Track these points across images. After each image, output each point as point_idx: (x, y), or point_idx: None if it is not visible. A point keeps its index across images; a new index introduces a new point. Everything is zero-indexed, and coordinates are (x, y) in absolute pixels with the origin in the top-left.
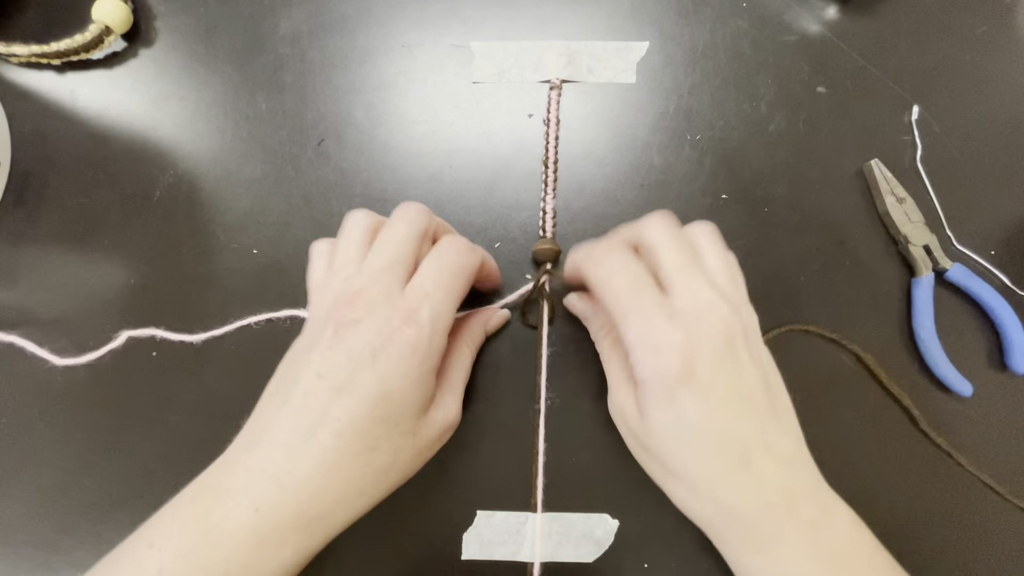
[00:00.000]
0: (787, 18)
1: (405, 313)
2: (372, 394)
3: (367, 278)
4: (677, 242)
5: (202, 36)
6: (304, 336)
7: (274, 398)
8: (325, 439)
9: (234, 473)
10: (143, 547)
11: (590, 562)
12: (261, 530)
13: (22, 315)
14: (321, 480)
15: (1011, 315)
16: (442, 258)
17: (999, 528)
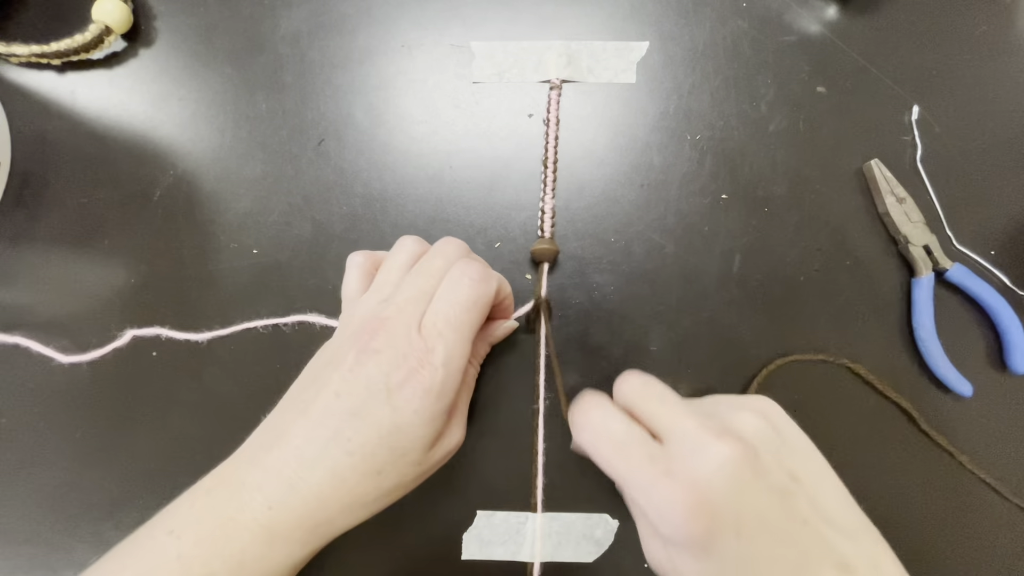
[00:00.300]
0: (787, 18)
1: (421, 353)
2: (385, 425)
3: (395, 308)
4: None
5: (202, 36)
6: (330, 348)
7: (295, 404)
8: (336, 456)
9: (251, 469)
10: (162, 533)
11: (590, 562)
12: (273, 526)
13: (22, 315)
14: (330, 491)
15: (1011, 315)
16: (456, 292)
17: (1000, 528)
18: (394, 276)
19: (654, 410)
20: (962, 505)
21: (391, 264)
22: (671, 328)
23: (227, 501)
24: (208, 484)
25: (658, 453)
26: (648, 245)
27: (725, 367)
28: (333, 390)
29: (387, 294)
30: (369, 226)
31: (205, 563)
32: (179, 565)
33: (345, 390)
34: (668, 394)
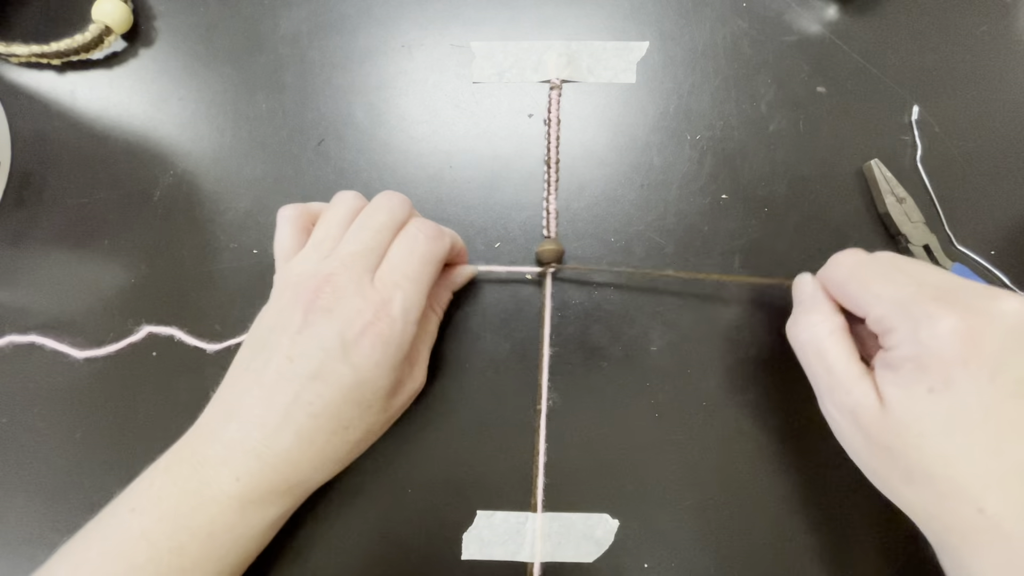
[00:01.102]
0: (787, 18)
1: (377, 305)
2: (345, 383)
3: (339, 263)
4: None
5: (202, 36)
6: (271, 310)
7: (246, 375)
8: (300, 419)
9: (211, 444)
10: (125, 511)
11: (590, 562)
12: (244, 496)
13: (21, 315)
14: (298, 453)
15: None
16: (412, 246)
17: None
18: (334, 231)
19: (911, 271)
20: None
21: (330, 219)
22: (671, 328)
23: (188, 477)
24: (164, 463)
25: (930, 287)
26: (648, 245)
27: (726, 368)
28: (284, 355)
29: (327, 249)
30: None
31: (171, 536)
32: (146, 542)
33: (298, 353)
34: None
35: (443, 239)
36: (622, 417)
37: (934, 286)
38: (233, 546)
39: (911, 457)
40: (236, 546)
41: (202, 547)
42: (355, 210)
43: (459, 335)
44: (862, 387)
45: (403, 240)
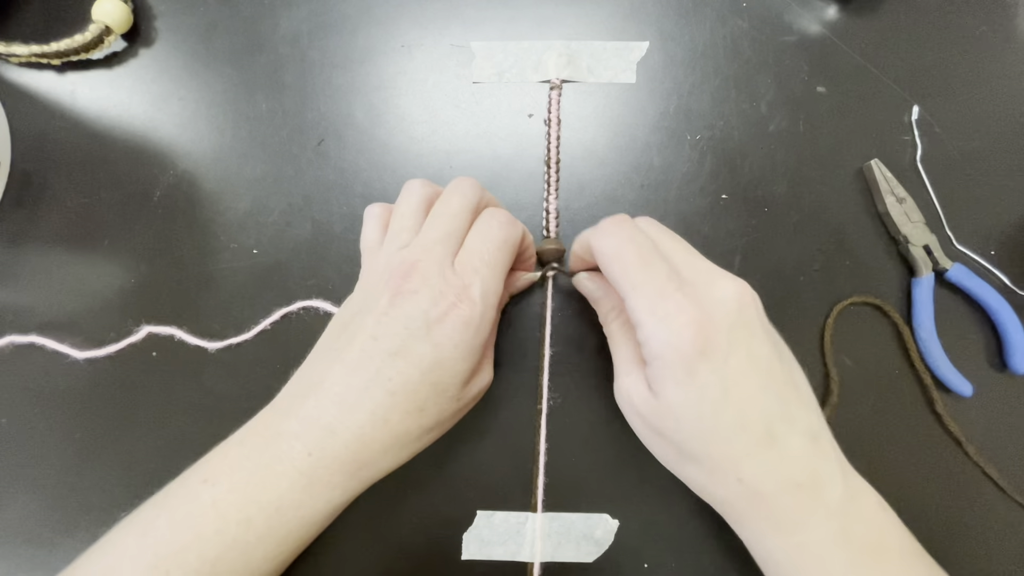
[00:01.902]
0: (787, 18)
1: (459, 289)
2: (426, 362)
3: (422, 249)
4: (662, 231)
5: (202, 36)
6: (356, 299)
7: (327, 355)
8: (378, 396)
9: (286, 420)
10: (197, 482)
11: (590, 562)
12: (314, 472)
13: (21, 315)
14: (371, 431)
15: (1011, 315)
16: (488, 232)
17: (999, 525)
18: (409, 222)
19: (671, 247)
20: (962, 502)
21: (403, 210)
22: None
23: (262, 450)
24: (239, 437)
25: (675, 275)
26: None
27: None
28: (369, 334)
29: (406, 239)
30: None
31: (240, 509)
32: (214, 512)
33: (382, 332)
34: (677, 245)
35: (516, 225)
36: (622, 417)
37: (679, 275)
38: (297, 525)
39: (675, 440)
40: (299, 526)
41: (268, 522)
42: (426, 197)
43: None
44: (632, 377)
45: (479, 227)
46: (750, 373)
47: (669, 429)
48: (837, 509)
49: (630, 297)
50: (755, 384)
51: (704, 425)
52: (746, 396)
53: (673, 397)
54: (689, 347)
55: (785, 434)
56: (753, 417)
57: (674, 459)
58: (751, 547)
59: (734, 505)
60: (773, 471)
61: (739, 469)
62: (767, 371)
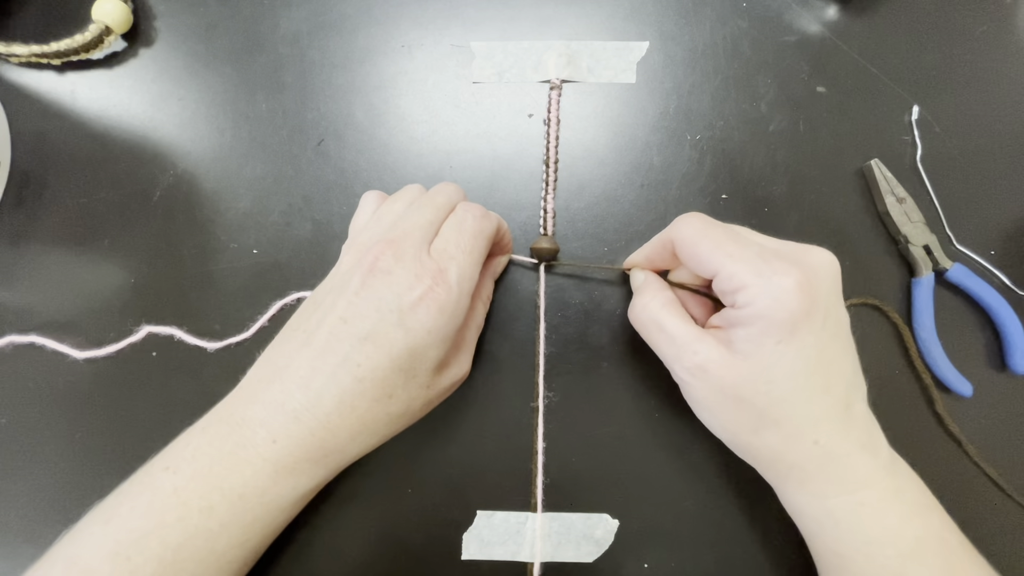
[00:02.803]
0: (787, 18)
1: (434, 272)
2: (397, 347)
3: (401, 231)
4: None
5: (202, 36)
6: (330, 279)
7: (295, 335)
8: (345, 382)
9: (251, 405)
10: (159, 470)
11: (590, 562)
12: (279, 460)
13: (21, 315)
14: (338, 419)
15: (1011, 315)
16: (463, 223)
17: (999, 525)
18: (397, 207)
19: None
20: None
21: (393, 201)
22: None
23: (226, 437)
24: (202, 424)
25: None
26: None
27: None
28: (339, 315)
29: (389, 223)
30: None
31: (203, 496)
32: (176, 499)
33: (352, 314)
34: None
35: (490, 217)
36: (622, 417)
37: (770, 248)
38: (262, 512)
39: (759, 404)
40: (265, 513)
41: (231, 509)
42: (420, 193)
43: None
44: (707, 345)
45: (454, 218)
46: (839, 337)
47: (759, 392)
48: (890, 469)
49: (727, 265)
50: (840, 348)
51: (796, 384)
52: (834, 359)
53: (771, 357)
54: (797, 305)
55: (856, 400)
56: (837, 380)
57: (750, 427)
58: (804, 509)
59: (804, 467)
60: (847, 433)
61: (818, 431)
62: (847, 337)
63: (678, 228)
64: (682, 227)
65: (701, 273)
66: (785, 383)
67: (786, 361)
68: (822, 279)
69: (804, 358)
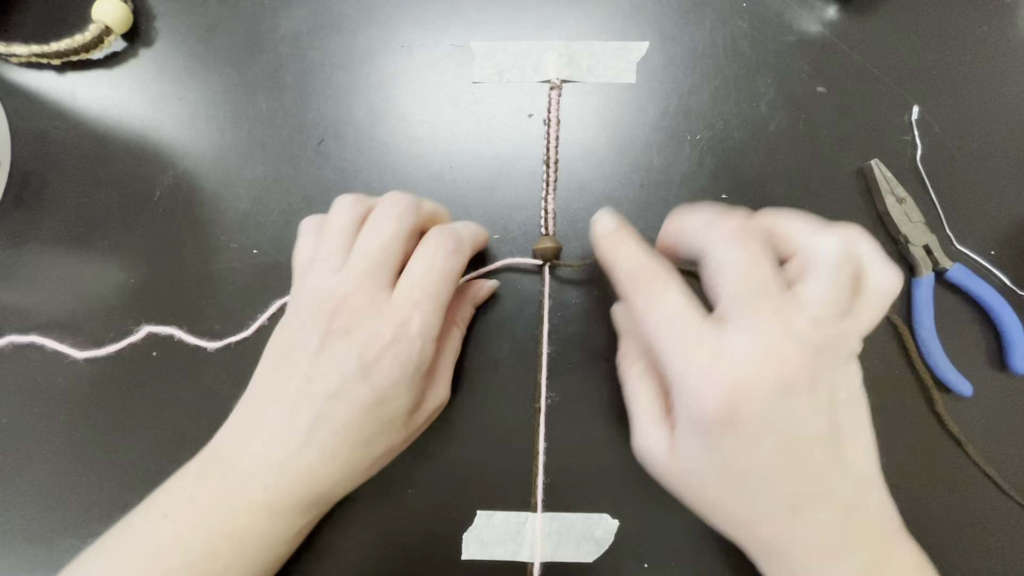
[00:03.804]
0: (787, 18)
1: (395, 326)
2: (365, 402)
3: (352, 283)
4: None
5: (202, 36)
6: (288, 326)
7: (267, 388)
8: (323, 436)
9: (238, 456)
10: (157, 517)
11: (590, 562)
12: (271, 505)
13: (21, 315)
14: (321, 467)
15: (1011, 315)
16: (432, 263)
17: (999, 525)
18: (338, 241)
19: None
20: (962, 500)
21: (333, 229)
22: None
23: (220, 485)
24: (195, 469)
25: (710, 336)
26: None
27: None
28: (303, 375)
29: (336, 264)
30: None
31: (205, 542)
32: (179, 547)
33: (317, 374)
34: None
35: (463, 252)
36: (622, 417)
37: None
38: (264, 552)
39: (699, 499)
40: (267, 552)
41: (234, 552)
42: (356, 216)
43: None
44: (657, 435)
45: (422, 255)
46: (781, 455)
47: (690, 488)
48: (860, 573)
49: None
50: (785, 465)
51: (723, 491)
52: (771, 475)
53: (696, 462)
54: (722, 415)
55: (811, 509)
56: (777, 493)
57: (696, 508)
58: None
59: (750, 552)
60: (791, 537)
61: (756, 530)
62: (804, 453)
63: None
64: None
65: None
66: (711, 488)
67: (710, 468)
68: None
69: (729, 470)
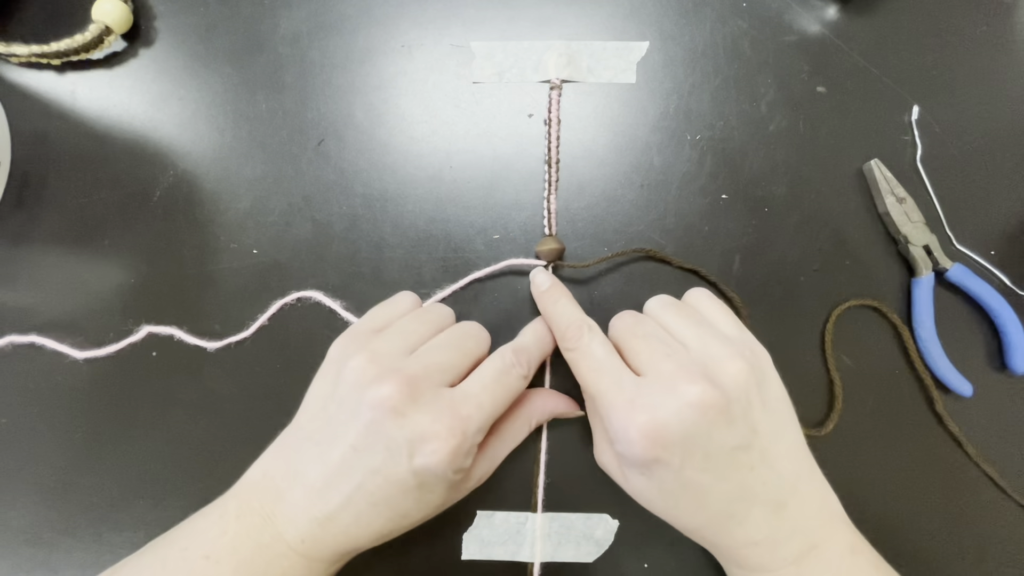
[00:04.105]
0: (787, 18)
1: (451, 421)
2: (407, 483)
3: (422, 368)
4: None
5: (202, 36)
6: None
7: (310, 438)
8: (361, 506)
9: (278, 503)
10: (198, 558)
11: (590, 562)
12: (309, 554)
13: (21, 315)
14: (356, 530)
15: (1011, 315)
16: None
17: (999, 525)
18: (425, 329)
19: (638, 348)
20: (963, 501)
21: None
22: None
23: (260, 529)
24: (235, 509)
25: (630, 383)
26: (648, 245)
27: None
28: (350, 443)
29: (412, 345)
30: (369, 226)
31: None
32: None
33: (364, 445)
34: (655, 333)
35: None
36: None
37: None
38: None
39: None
40: None
41: None
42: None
43: None
44: (608, 454)
45: (497, 365)
46: (708, 468)
47: (644, 501)
48: (795, 559)
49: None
50: (713, 476)
51: (665, 505)
52: (702, 488)
53: (636, 483)
54: (645, 458)
55: (743, 511)
56: (711, 502)
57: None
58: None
59: (704, 546)
60: (732, 536)
61: (701, 534)
62: (729, 462)
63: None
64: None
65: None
66: (654, 503)
67: (650, 488)
68: (674, 423)
69: (665, 490)
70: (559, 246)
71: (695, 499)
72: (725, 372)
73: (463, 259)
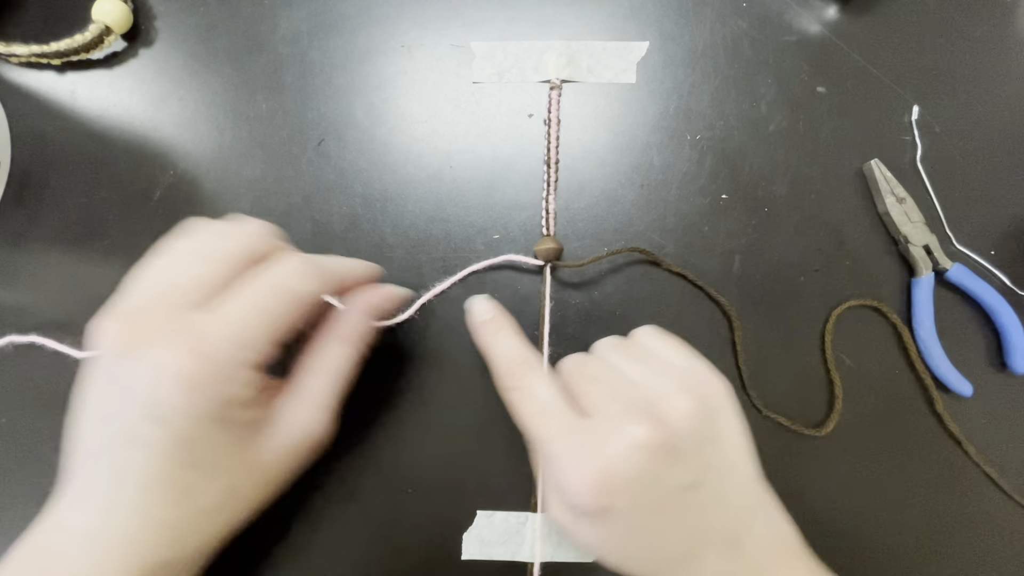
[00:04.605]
0: (787, 18)
1: (185, 341)
2: (163, 444)
3: (152, 295)
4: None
5: (202, 36)
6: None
7: (72, 443)
8: (130, 495)
9: (55, 531)
10: None
11: (590, 562)
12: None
13: (21, 315)
14: (142, 533)
15: (1011, 315)
16: (281, 286)
17: (999, 525)
18: (179, 260)
19: (585, 389)
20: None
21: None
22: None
23: (43, 570)
24: (14, 556)
25: (576, 426)
26: (648, 245)
27: (726, 368)
28: (95, 416)
29: (157, 280)
30: (369, 226)
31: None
32: None
33: (105, 413)
34: (602, 374)
35: (315, 279)
36: None
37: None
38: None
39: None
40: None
41: None
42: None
43: (458, 335)
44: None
45: (271, 272)
46: (657, 513)
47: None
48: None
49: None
50: (662, 522)
51: (618, 555)
52: (653, 534)
53: (588, 535)
54: (595, 506)
55: (698, 554)
56: (663, 547)
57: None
58: None
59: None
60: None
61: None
62: (679, 504)
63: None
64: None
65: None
66: (607, 552)
67: (601, 539)
68: (622, 472)
69: (616, 540)
70: (557, 246)
71: (647, 545)
72: (672, 407)
73: (463, 259)
